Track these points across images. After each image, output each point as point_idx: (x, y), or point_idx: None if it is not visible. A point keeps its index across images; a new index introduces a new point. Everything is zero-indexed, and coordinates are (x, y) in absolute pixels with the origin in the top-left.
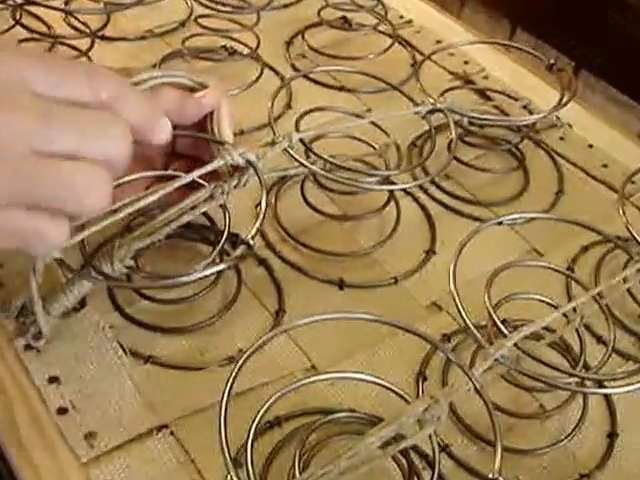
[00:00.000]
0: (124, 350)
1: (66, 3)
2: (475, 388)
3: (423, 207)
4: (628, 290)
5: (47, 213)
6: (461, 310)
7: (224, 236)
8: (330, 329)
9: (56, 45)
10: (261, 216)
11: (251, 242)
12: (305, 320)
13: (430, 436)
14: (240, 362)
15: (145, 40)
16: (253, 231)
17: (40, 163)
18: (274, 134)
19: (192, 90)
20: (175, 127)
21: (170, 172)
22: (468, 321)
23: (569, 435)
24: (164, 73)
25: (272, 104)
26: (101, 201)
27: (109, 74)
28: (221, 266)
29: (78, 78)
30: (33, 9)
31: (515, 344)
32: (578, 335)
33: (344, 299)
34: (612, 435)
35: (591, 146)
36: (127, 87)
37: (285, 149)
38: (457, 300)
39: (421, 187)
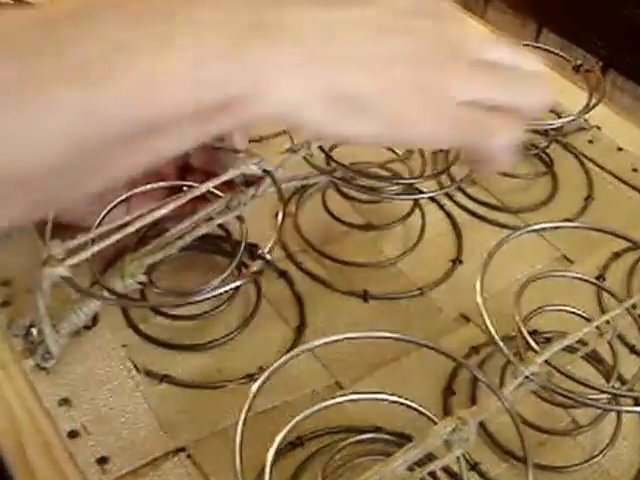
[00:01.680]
0: (138, 370)
1: None
2: (505, 407)
3: (449, 214)
4: None
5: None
6: (489, 325)
7: (241, 249)
8: (353, 344)
9: None
10: (278, 229)
11: (268, 257)
12: (325, 340)
13: (458, 458)
14: (256, 386)
15: None
16: (270, 244)
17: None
18: (292, 141)
19: None
20: None
21: (184, 182)
22: (497, 337)
23: (602, 451)
24: None
25: None
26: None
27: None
28: (236, 283)
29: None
30: None
31: (546, 360)
32: (611, 347)
33: (368, 312)
34: None
35: (620, 149)
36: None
37: (304, 157)
38: (485, 315)
39: (447, 194)
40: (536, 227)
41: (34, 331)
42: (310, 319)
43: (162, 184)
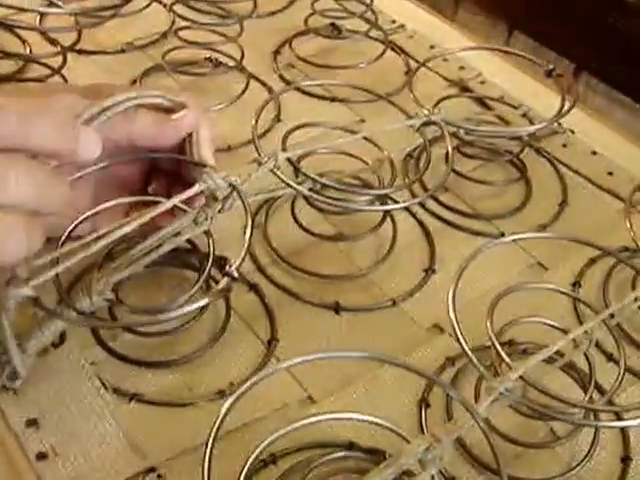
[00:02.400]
0: (107, 388)
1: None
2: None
3: (421, 223)
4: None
5: None
6: (462, 342)
7: (209, 264)
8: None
9: (28, 64)
10: (246, 245)
11: (235, 274)
12: (297, 360)
13: (433, 476)
14: (225, 407)
15: (124, 53)
16: (237, 262)
17: None
18: (259, 154)
19: (170, 110)
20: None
21: (149, 198)
22: (470, 353)
23: (581, 462)
24: (139, 93)
25: (256, 121)
26: (18, 247)
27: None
28: (203, 301)
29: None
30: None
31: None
32: (587, 359)
33: (341, 324)
34: (626, 459)
35: (595, 153)
36: (30, 117)
37: (271, 170)
38: (457, 331)
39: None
40: (509, 238)
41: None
42: (281, 333)
43: (126, 200)
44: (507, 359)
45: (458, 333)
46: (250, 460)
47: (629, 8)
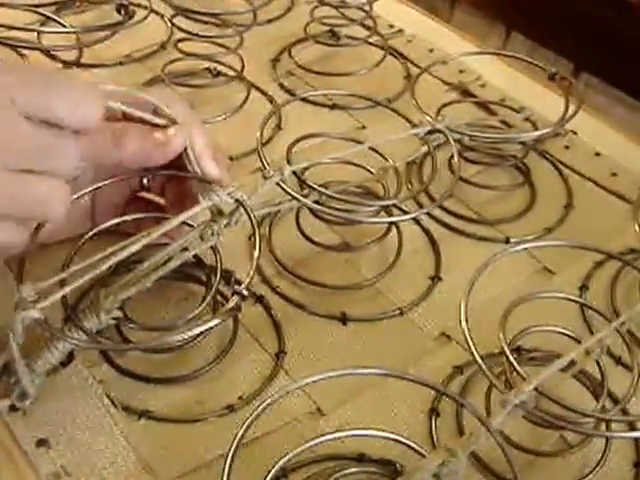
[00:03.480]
0: (115, 406)
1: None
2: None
3: (426, 230)
4: None
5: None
6: (474, 352)
7: (217, 279)
8: (333, 367)
9: None
10: (254, 265)
11: (245, 292)
12: (307, 380)
13: None
14: (240, 433)
15: (124, 65)
16: (247, 281)
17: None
18: (264, 167)
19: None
20: None
21: (155, 214)
22: (483, 366)
23: (593, 470)
24: (135, 100)
25: (261, 134)
26: (62, 207)
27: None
28: (213, 322)
29: (60, 104)
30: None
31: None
32: (599, 366)
33: (348, 334)
34: (638, 465)
35: (598, 154)
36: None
37: (277, 183)
38: (470, 341)
39: (422, 209)
40: (519, 247)
41: (9, 371)
42: (289, 345)
43: (134, 216)
44: (520, 370)
45: (471, 344)
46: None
47: (627, 7)
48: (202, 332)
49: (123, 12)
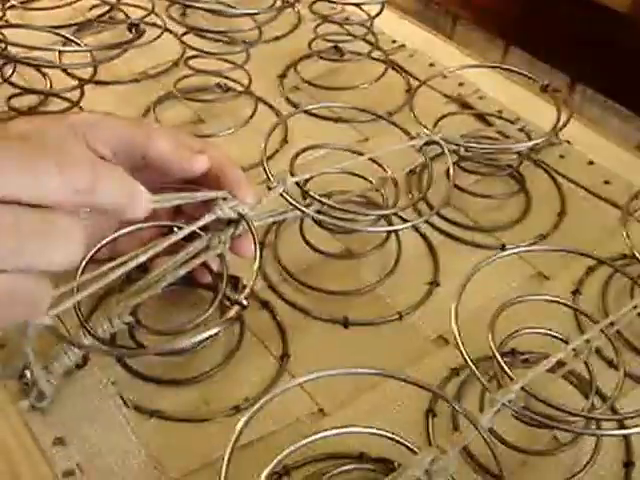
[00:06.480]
0: (127, 406)
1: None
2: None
3: (424, 237)
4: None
5: None
6: (465, 355)
7: (223, 287)
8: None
9: (48, 97)
10: (254, 276)
11: (244, 302)
12: (310, 376)
13: None
14: (240, 424)
15: (138, 82)
16: (246, 291)
17: None
18: (268, 178)
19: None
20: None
21: (167, 223)
22: (473, 367)
23: (584, 468)
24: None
25: (265, 146)
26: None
27: (80, 161)
28: (212, 331)
29: (49, 174)
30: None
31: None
32: (587, 366)
33: (349, 338)
34: (629, 464)
35: (592, 163)
36: (100, 169)
37: (281, 194)
38: (460, 343)
39: (420, 217)
40: (507, 252)
41: (27, 373)
42: (293, 348)
43: (147, 225)
44: (508, 371)
45: (460, 346)
46: (265, 473)
47: (624, 20)
48: (202, 339)
49: (134, 31)
